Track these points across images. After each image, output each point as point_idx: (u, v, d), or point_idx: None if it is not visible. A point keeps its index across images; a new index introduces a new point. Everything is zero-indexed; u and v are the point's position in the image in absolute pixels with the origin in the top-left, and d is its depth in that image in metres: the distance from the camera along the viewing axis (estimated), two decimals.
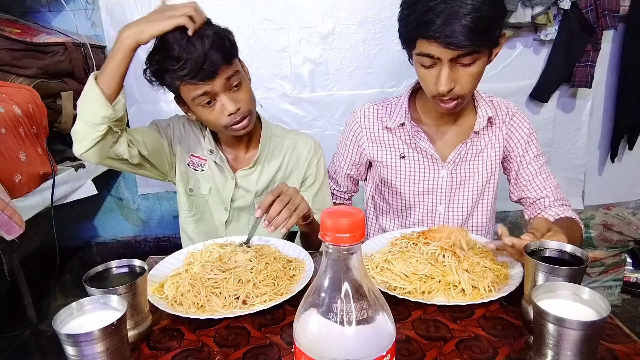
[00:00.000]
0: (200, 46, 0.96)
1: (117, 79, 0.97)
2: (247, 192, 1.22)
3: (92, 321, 0.60)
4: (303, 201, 1.01)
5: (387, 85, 2.24)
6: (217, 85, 1.01)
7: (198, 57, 0.96)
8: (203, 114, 1.06)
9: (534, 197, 1.20)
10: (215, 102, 1.04)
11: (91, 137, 0.98)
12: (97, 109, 0.96)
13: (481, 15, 0.91)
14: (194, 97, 1.02)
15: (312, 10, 2.14)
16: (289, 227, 0.98)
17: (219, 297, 0.81)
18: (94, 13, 2.15)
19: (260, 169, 1.22)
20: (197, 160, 1.20)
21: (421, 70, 1.04)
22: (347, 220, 0.43)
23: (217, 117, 1.05)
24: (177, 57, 0.96)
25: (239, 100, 1.05)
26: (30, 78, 1.63)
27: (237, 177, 1.21)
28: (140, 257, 0.78)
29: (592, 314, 0.57)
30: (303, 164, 1.26)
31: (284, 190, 0.99)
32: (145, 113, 2.26)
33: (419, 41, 0.99)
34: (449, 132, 1.20)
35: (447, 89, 1.00)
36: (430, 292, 0.82)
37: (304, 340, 0.46)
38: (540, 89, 2.23)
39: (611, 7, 2.00)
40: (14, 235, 1.24)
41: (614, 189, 2.47)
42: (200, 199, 1.23)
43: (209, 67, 0.97)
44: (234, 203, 1.22)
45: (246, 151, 1.23)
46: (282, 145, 1.25)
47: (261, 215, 0.96)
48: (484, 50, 0.99)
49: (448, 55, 0.96)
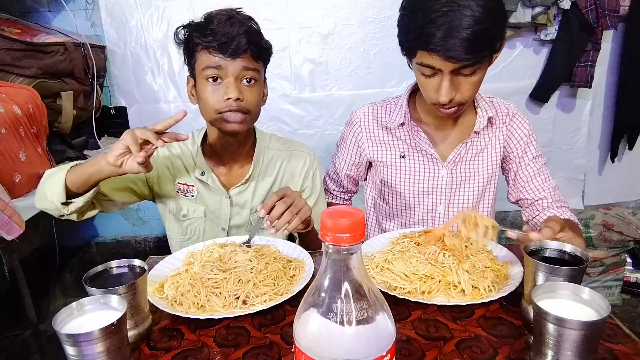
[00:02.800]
0: (236, 28, 1.00)
1: (82, 185, 0.97)
2: (242, 209, 1.19)
3: (92, 321, 0.60)
4: (306, 205, 1.00)
5: (387, 85, 2.24)
6: (232, 66, 1.01)
7: (229, 33, 0.99)
8: (205, 89, 1.04)
9: (532, 198, 1.20)
10: (222, 83, 1.03)
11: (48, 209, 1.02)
12: (53, 196, 0.97)
13: (482, 28, 0.90)
14: (206, 67, 1.02)
15: (312, 10, 2.14)
16: (290, 230, 0.97)
17: (219, 297, 0.81)
18: (94, 13, 2.15)
19: (255, 185, 1.18)
20: (184, 187, 1.16)
21: (422, 78, 1.04)
22: (347, 220, 0.43)
23: (216, 98, 1.03)
24: (212, 27, 1.00)
25: (244, 93, 1.04)
26: (30, 78, 1.63)
27: (231, 195, 1.17)
28: (140, 257, 0.78)
29: (592, 314, 0.57)
30: (298, 178, 1.23)
31: (287, 192, 0.98)
32: (145, 113, 2.26)
33: (419, 52, 0.98)
34: (448, 132, 1.20)
35: (449, 99, 1.00)
36: (430, 292, 0.82)
37: (304, 340, 0.46)
38: (540, 89, 2.24)
39: (611, 7, 2.00)
40: (14, 235, 1.24)
41: (614, 189, 2.47)
42: (197, 222, 1.19)
43: (233, 45, 0.99)
44: (231, 221, 1.19)
45: (240, 166, 1.19)
46: (277, 159, 1.21)
47: (264, 216, 0.96)
48: (485, 60, 0.98)
49: (449, 67, 0.95)
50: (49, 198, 0.98)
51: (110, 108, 2.24)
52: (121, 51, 2.19)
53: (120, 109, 2.26)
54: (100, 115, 2.13)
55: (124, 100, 2.26)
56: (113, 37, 2.17)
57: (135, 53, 2.19)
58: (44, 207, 1.02)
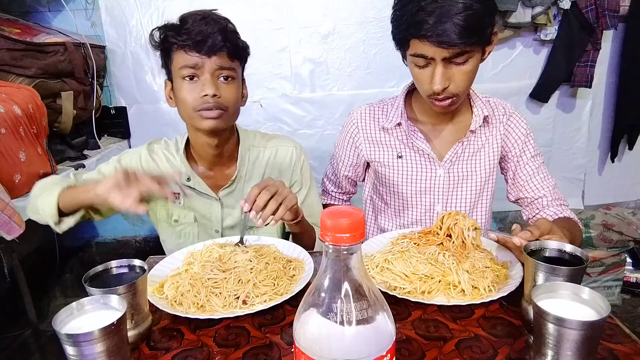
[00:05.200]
0: (210, 26, 0.99)
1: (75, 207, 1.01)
2: (233, 210, 1.18)
3: (92, 321, 0.60)
4: (291, 193, 0.98)
5: (386, 85, 2.24)
6: (208, 64, 1.00)
7: (204, 31, 0.99)
8: (182, 89, 1.03)
9: (531, 197, 1.20)
10: (198, 81, 1.02)
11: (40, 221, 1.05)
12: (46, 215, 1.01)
13: (472, 13, 0.93)
14: (183, 66, 1.01)
15: (312, 10, 2.14)
16: (277, 219, 0.95)
17: (219, 297, 0.81)
18: (94, 13, 2.15)
19: (242, 184, 1.18)
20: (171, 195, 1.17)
21: (415, 70, 1.05)
22: (347, 220, 0.43)
23: (194, 95, 1.02)
24: (187, 26, 1.00)
25: (221, 90, 1.03)
26: (30, 78, 1.63)
27: (220, 197, 1.16)
28: (140, 257, 0.78)
29: (592, 314, 0.57)
30: (287, 172, 1.22)
31: (269, 182, 0.97)
32: (145, 113, 2.26)
33: (412, 41, 1.00)
34: (445, 131, 1.20)
35: (442, 88, 1.01)
36: (430, 292, 0.82)
37: (304, 340, 0.46)
38: (540, 89, 2.24)
39: (611, 7, 2.00)
40: (14, 235, 1.24)
41: (614, 189, 2.47)
42: (188, 227, 1.18)
43: (209, 43, 0.99)
44: (224, 223, 1.19)
45: (226, 167, 1.18)
46: (263, 155, 1.21)
47: (249, 210, 0.94)
48: (477, 48, 1.00)
49: (441, 54, 0.97)
50: (41, 215, 1.02)
51: (110, 108, 2.24)
52: (121, 51, 2.19)
53: (120, 109, 2.26)
54: (100, 115, 2.14)
55: (124, 100, 2.26)
56: (113, 37, 2.17)
57: (135, 53, 2.19)
58: (37, 220, 1.06)
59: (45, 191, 1.02)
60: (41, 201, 1.01)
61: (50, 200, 0.99)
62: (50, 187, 1.02)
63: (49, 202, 0.99)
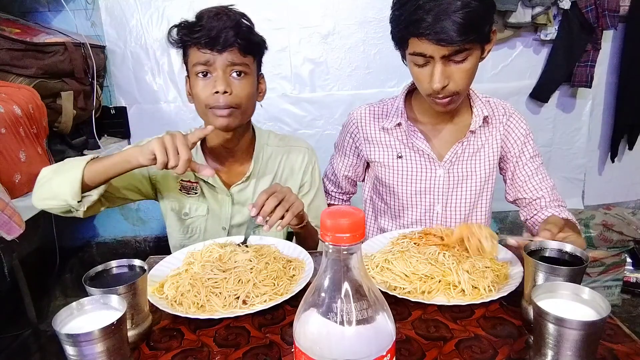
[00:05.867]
0: (222, 22, 1.00)
1: (102, 179, 0.97)
2: (243, 207, 1.18)
3: (92, 321, 0.60)
4: (297, 200, 1.00)
5: (386, 85, 2.24)
6: (219, 60, 1.01)
7: (216, 27, 0.99)
8: (196, 84, 1.05)
9: (530, 198, 1.20)
10: (211, 77, 1.03)
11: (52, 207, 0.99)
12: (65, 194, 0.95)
13: (470, 10, 0.93)
14: (196, 63, 1.03)
15: (312, 10, 2.14)
16: (284, 225, 0.97)
17: (219, 297, 0.81)
18: (94, 13, 2.15)
19: (255, 182, 1.19)
20: (188, 184, 1.17)
21: (415, 69, 1.05)
22: (347, 220, 0.43)
23: (206, 92, 1.03)
24: (201, 23, 1.01)
25: (233, 87, 1.03)
26: (30, 78, 1.63)
27: (232, 194, 1.17)
28: (140, 257, 0.78)
29: (592, 314, 0.57)
30: (298, 172, 1.24)
31: (277, 189, 0.99)
32: (145, 113, 2.26)
33: (411, 40, 1.00)
34: (445, 131, 1.20)
35: (441, 86, 1.01)
36: (430, 292, 0.82)
37: (304, 340, 0.46)
38: (540, 89, 2.24)
39: (611, 7, 2.00)
40: (14, 235, 1.24)
41: (614, 189, 2.47)
42: (198, 220, 1.19)
43: (220, 39, 1.00)
44: (232, 220, 1.19)
45: (240, 164, 1.19)
46: (276, 155, 1.22)
47: (256, 214, 0.95)
48: (476, 46, 1.00)
49: (440, 52, 0.97)
50: (60, 196, 0.96)
51: (110, 108, 2.24)
52: (121, 51, 2.19)
53: (120, 109, 2.26)
54: (100, 115, 2.13)
55: (124, 100, 2.26)
56: (113, 37, 2.17)
57: (135, 53, 2.19)
58: (48, 206, 1.00)
59: (62, 171, 0.97)
60: (58, 181, 0.96)
61: (72, 175, 0.94)
62: (67, 167, 0.97)
63: (70, 178, 0.94)
